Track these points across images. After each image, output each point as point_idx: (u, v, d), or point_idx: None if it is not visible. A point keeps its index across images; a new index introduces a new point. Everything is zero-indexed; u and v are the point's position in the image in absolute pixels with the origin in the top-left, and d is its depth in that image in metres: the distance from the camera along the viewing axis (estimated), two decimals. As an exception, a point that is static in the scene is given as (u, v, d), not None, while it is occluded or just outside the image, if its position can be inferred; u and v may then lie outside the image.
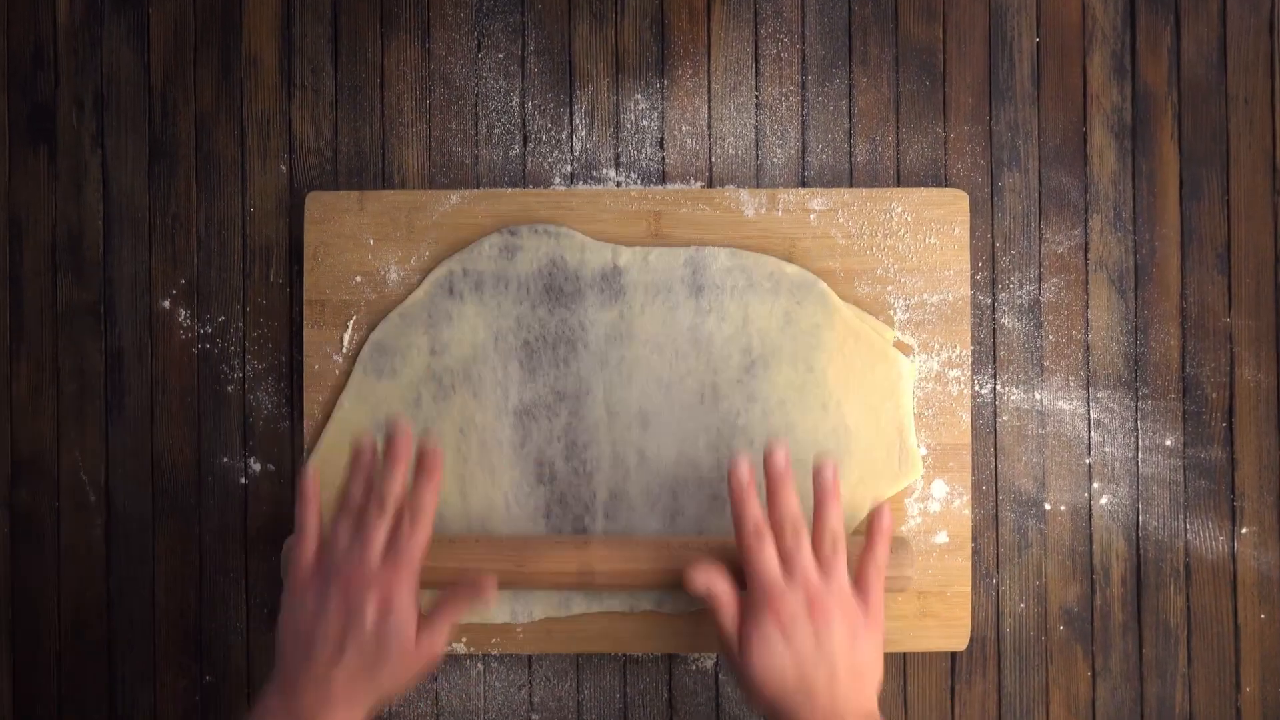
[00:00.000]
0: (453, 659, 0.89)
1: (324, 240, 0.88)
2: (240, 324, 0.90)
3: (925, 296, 0.88)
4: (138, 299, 0.90)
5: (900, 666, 0.90)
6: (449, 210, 0.88)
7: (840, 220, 0.87)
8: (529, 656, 0.89)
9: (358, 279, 0.88)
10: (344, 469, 0.82)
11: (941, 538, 0.87)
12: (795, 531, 0.77)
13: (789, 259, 0.87)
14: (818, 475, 0.78)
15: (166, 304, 0.90)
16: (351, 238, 0.87)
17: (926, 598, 0.87)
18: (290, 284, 0.89)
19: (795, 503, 0.78)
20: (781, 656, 0.74)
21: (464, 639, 0.87)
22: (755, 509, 0.77)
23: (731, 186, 0.89)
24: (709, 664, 0.89)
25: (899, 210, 0.87)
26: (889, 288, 0.88)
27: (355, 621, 0.74)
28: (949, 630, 0.87)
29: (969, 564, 0.87)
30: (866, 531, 0.79)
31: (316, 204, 0.88)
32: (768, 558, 0.76)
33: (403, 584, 0.75)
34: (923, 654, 0.89)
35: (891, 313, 0.87)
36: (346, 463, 0.81)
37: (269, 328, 0.90)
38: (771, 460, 0.78)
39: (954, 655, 0.90)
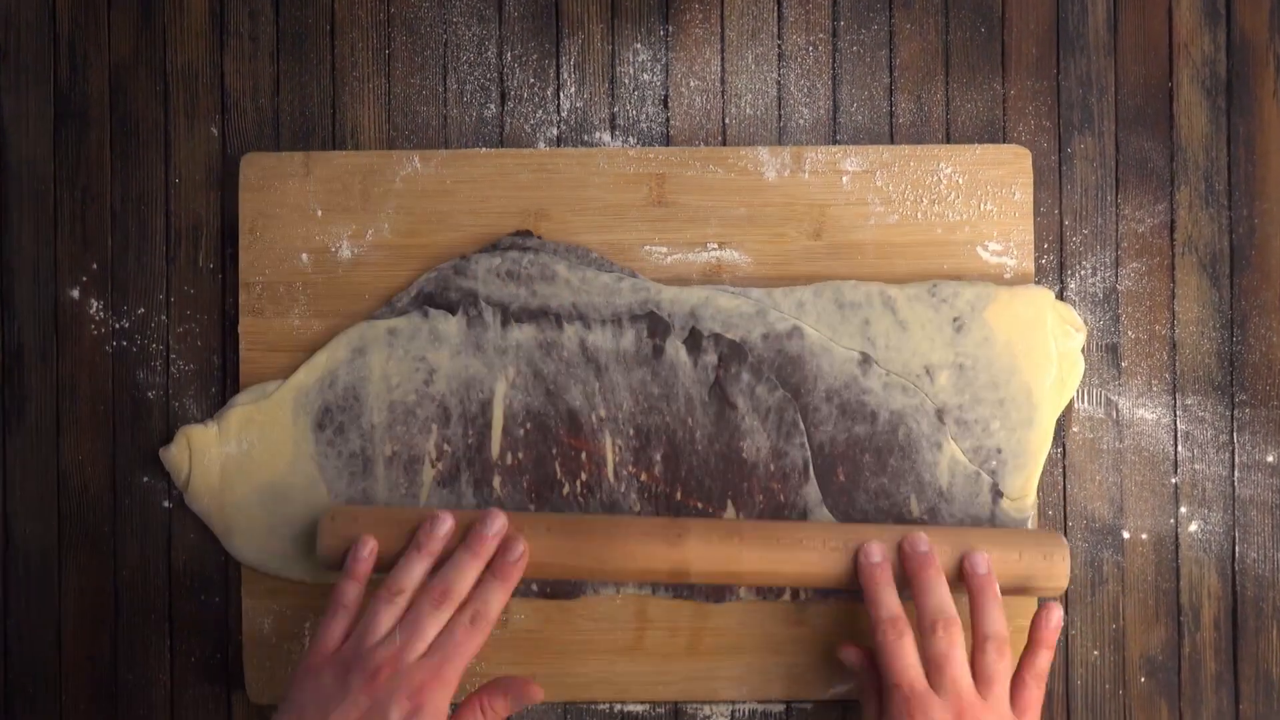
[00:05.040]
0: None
1: (263, 211, 0.84)
2: (163, 317, 0.86)
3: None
4: (40, 288, 0.87)
5: (950, 723, 0.86)
6: (411, 175, 0.85)
7: (878, 184, 0.84)
8: None
9: (304, 257, 0.84)
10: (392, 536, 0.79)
11: (1001, 569, 0.84)
12: (948, 629, 0.74)
13: (818, 232, 0.84)
14: (970, 571, 0.76)
15: (75, 293, 0.86)
16: (295, 208, 0.84)
17: (982, 641, 0.84)
18: (223, 269, 0.86)
19: (948, 596, 0.75)
20: None
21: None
22: (893, 598, 0.75)
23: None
24: (725, 712, 0.85)
25: (948, 171, 0.84)
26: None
27: (376, 714, 0.71)
28: (1009, 676, 0.84)
29: (1033, 600, 0.82)
30: (1030, 632, 0.77)
31: (253, 168, 0.84)
32: (909, 659, 0.74)
33: (441, 688, 0.72)
34: None
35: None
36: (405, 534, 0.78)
37: (197, 322, 0.86)
38: (913, 546, 0.76)
39: None
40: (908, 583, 0.75)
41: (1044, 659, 0.75)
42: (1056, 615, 0.76)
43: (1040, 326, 0.81)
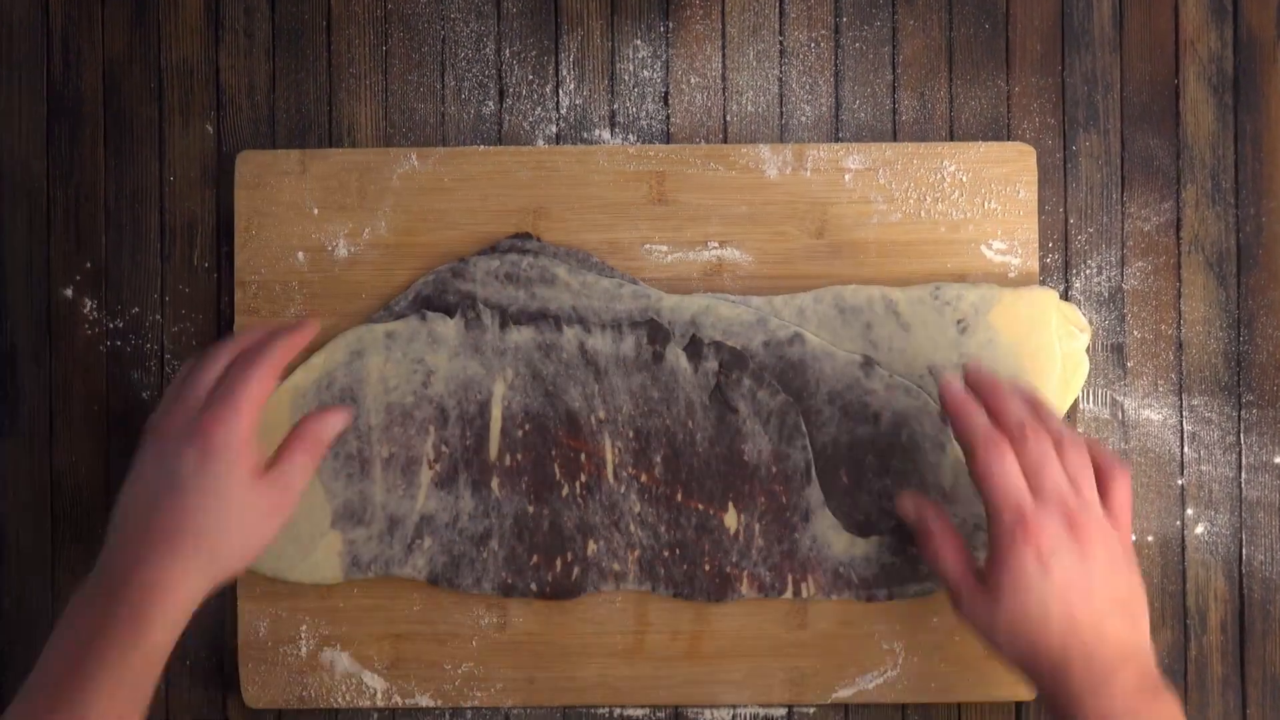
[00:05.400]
0: (413, 714, 0.84)
1: (258, 209, 0.83)
2: (157, 317, 0.85)
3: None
4: (33, 287, 0.86)
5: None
6: (408, 173, 0.84)
7: (881, 181, 0.84)
8: (506, 710, 0.84)
9: (300, 256, 0.83)
10: None
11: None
12: (1036, 438, 0.70)
13: (820, 230, 0.83)
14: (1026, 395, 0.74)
15: (68, 293, 0.86)
16: (292, 206, 0.83)
17: (988, 636, 0.84)
18: (218, 268, 0.85)
19: (1024, 408, 0.72)
20: (1041, 592, 0.68)
21: (430, 691, 0.82)
22: (983, 417, 0.71)
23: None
24: (725, 717, 0.84)
25: (952, 169, 0.83)
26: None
27: (171, 471, 0.68)
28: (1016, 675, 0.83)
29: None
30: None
31: (249, 165, 0.84)
32: (1012, 472, 0.70)
33: (227, 424, 0.69)
34: (981, 704, 0.84)
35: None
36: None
37: (193, 321, 0.85)
38: (976, 374, 0.73)
39: (1020, 707, 0.84)
40: (988, 406, 0.72)
41: (1106, 451, 0.73)
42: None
43: (1045, 327, 0.80)
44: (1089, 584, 0.68)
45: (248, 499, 0.69)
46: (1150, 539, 0.84)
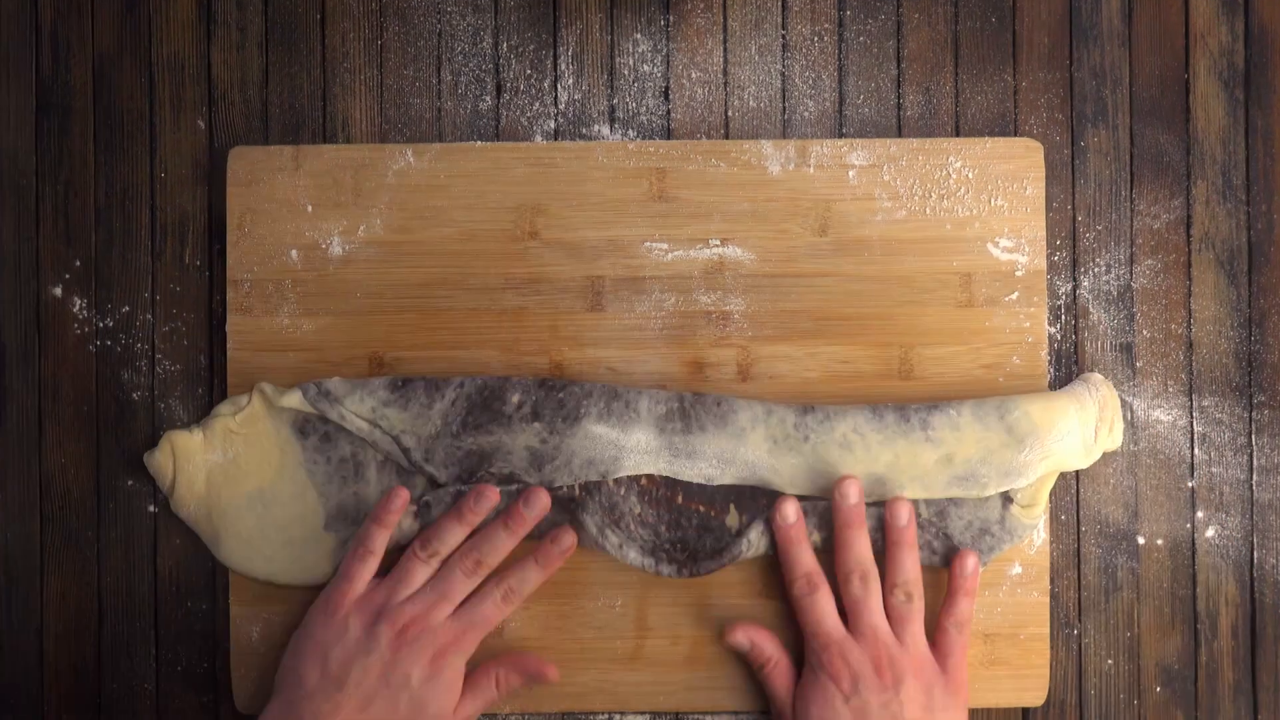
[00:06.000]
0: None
1: (251, 206, 0.83)
2: (148, 316, 0.85)
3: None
4: (22, 285, 0.85)
5: (959, 730, 0.85)
6: (404, 169, 0.84)
7: (886, 178, 0.83)
8: (504, 716, 0.83)
9: (293, 254, 0.83)
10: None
11: (1014, 569, 0.83)
12: (864, 579, 0.77)
13: (823, 227, 0.83)
14: (891, 518, 0.78)
15: (58, 291, 0.85)
16: (285, 203, 0.83)
17: (995, 641, 0.82)
18: (210, 266, 0.85)
19: (867, 547, 0.78)
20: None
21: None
22: (807, 556, 0.78)
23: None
24: None
25: (958, 165, 0.83)
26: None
27: (398, 672, 0.76)
28: (1022, 681, 0.83)
29: (1047, 599, 0.82)
30: (948, 581, 0.79)
31: (241, 162, 0.83)
32: (824, 610, 0.77)
33: (461, 654, 0.77)
34: (989, 709, 0.84)
35: (948, 294, 0.84)
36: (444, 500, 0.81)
37: (184, 321, 0.85)
38: (843, 497, 0.78)
39: (1026, 713, 0.84)
40: (837, 538, 0.77)
41: (963, 606, 0.78)
42: (971, 561, 0.78)
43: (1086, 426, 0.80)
44: None
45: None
46: (1160, 542, 0.83)
